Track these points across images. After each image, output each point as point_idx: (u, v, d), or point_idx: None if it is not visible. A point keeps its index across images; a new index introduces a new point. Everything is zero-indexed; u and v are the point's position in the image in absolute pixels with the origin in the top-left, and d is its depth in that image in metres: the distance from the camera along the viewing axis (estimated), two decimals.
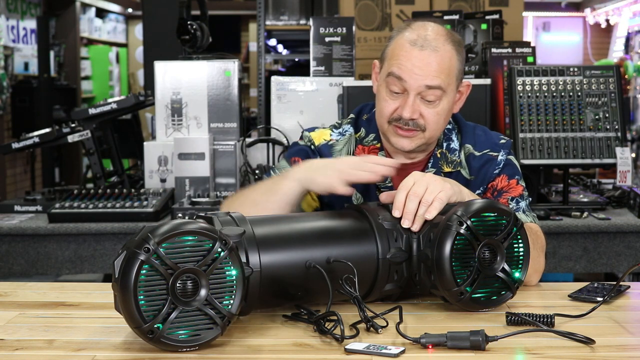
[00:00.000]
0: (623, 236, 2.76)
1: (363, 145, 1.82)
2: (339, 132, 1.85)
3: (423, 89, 1.67)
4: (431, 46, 1.67)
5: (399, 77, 1.68)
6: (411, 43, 1.68)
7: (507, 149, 1.81)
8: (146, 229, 1.19)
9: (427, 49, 1.66)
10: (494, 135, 1.85)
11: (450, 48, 1.69)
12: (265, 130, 3.31)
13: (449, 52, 1.68)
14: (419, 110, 1.69)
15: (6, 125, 6.84)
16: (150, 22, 4.41)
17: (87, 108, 3.15)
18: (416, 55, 1.67)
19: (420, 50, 1.66)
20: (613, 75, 2.87)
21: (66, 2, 8.26)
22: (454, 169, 1.78)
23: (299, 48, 6.45)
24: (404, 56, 1.68)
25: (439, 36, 1.69)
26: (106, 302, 1.48)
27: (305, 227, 1.40)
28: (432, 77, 1.66)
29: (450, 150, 1.80)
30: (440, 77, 1.67)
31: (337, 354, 1.19)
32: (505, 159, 1.79)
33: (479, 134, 1.83)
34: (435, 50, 1.67)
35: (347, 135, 1.84)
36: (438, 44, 1.67)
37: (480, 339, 1.20)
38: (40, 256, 2.76)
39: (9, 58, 6.93)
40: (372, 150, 1.81)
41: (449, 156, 1.79)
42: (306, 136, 1.86)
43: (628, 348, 1.23)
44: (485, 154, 1.79)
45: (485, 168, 1.78)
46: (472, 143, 1.81)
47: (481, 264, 1.36)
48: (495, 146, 1.80)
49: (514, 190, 1.77)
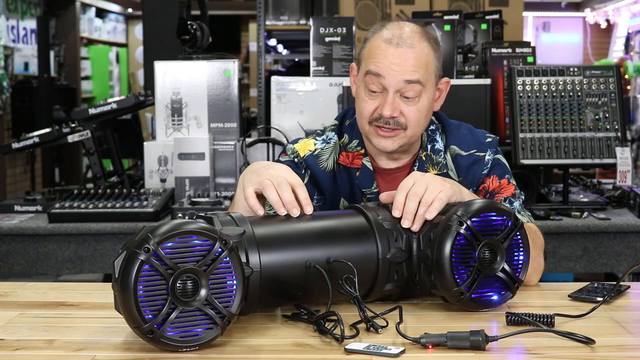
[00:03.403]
0: (623, 236, 2.76)
1: (347, 151, 1.80)
2: (322, 140, 1.82)
3: (402, 85, 1.66)
4: (407, 43, 1.66)
5: (377, 74, 1.67)
6: (387, 42, 1.67)
7: (493, 148, 1.79)
8: (146, 229, 1.19)
9: (403, 46, 1.66)
10: (480, 133, 1.82)
11: (426, 45, 1.68)
12: (265, 130, 3.31)
13: (425, 49, 1.68)
14: (399, 108, 1.67)
15: (6, 125, 6.84)
16: (150, 22, 4.41)
17: (87, 108, 3.15)
18: (392, 52, 1.66)
19: (396, 47, 1.66)
20: (613, 75, 2.88)
21: (66, 2, 8.26)
22: (440, 171, 1.76)
23: (299, 48, 6.46)
24: (380, 54, 1.67)
25: (414, 34, 1.68)
26: (106, 302, 1.48)
27: (305, 227, 1.40)
28: (410, 72, 1.66)
29: (435, 152, 1.78)
30: (418, 71, 1.66)
31: (337, 354, 1.19)
32: (493, 159, 1.78)
33: (464, 132, 1.81)
34: (411, 46, 1.66)
35: (332, 143, 1.81)
36: (414, 41, 1.67)
37: (480, 339, 1.20)
38: (40, 256, 2.76)
39: (9, 58, 6.93)
40: (357, 157, 1.79)
41: (434, 158, 1.77)
42: (290, 149, 1.83)
43: (628, 348, 1.23)
44: (472, 154, 1.78)
45: (474, 169, 1.77)
46: (457, 143, 1.79)
47: (481, 264, 1.36)
48: (482, 145, 1.79)
49: (506, 191, 1.76)
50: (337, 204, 1.80)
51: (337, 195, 1.79)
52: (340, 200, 1.79)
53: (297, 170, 1.77)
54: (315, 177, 1.78)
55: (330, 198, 1.79)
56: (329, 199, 1.79)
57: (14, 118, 6.87)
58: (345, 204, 1.78)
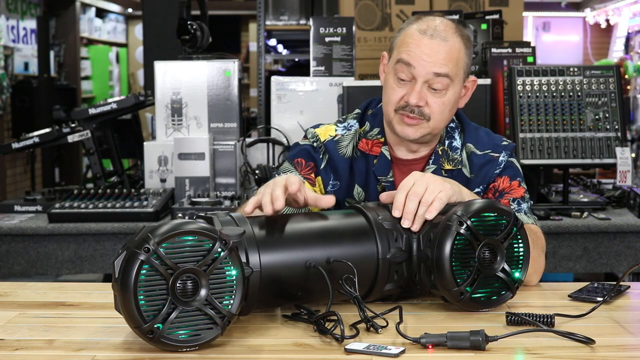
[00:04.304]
0: (623, 236, 2.76)
1: (367, 139, 1.83)
2: (343, 127, 1.85)
3: (431, 77, 1.69)
4: (440, 36, 1.69)
5: (408, 63, 1.69)
6: (421, 32, 1.70)
7: (509, 151, 1.81)
8: (146, 229, 1.19)
9: (437, 39, 1.69)
10: (497, 137, 1.86)
11: (459, 40, 1.71)
12: (265, 130, 3.31)
13: (457, 44, 1.70)
14: (425, 98, 1.70)
15: (6, 125, 6.84)
16: (150, 22, 4.40)
17: (87, 108, 3.15)
18: (426, 43, 1.68)
19: (430, 39, 1.69)
20: (613, 75, 2.88)
21: (66, 2, 8.26)
22: (455, 166, 1.79)
23: (299, 48, 6.46)
24: (413, 43, 1.69)
25: (448, 28, 1.71)
26: (106, 302, 1.48)
27: (305, 227, 1.40)
28: (441, 64, 1.68)
29: (452, 149, 1.81)
30: (448, 65, 1.68)
31: (337, 354, 1.19)
32: (507, 161, 1.80)
33: (481, 135, 1.84)
34: (444, 39, 1.69)
35: (353, 130, 1.84)
36: (447, 35, 1.69)
37: (480, 339, 1.20)
38: (40, 256, 2.76)
39: (9, 58, 6.93)
40: (376, 145, 1.82)
41: (451, 154, 1.80)
42: (310, 132, 1.86)
43: (628, 348, 1.23)
44: (486, 154, 1.80)
45: (486, 168, 1.79)
46: (473, 142, 1.82)
47: (481, 264, 1.36)
48: (497, 147, 1.81)
49: (515, 192, 1.77)
50: (352, 191, 1.82)
51: (353, 181, 1.82)
52: (354, 187, 1.82)
53: (315, 154, 1.82)
54: (333, 161, 1.81)
55: (346, 184, 1.82)
56: (345, 185, 1.82)
57: (14, 118, 6.87)
58: (359, 190, 1.81)
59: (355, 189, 1.81)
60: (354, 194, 1.81)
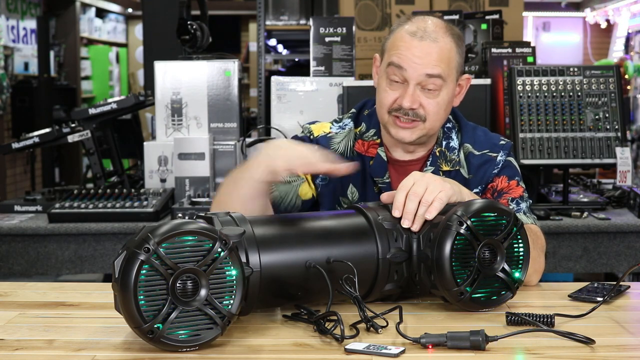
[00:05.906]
0: (623, 236, 2.76)
1: (363, 140, 1.84)
2: (338, 126, 1.86)
3: (423, 78, 1.68)
4: (431, 37, 1.68)
5: (399, 65, 1.69)
6: (411, 34, 1.69)
7: (506, 150, 1.81)
8: (146, 229, 1.19)
9: (427, 40, 1.68)
10: (494, 136, 1.85)
11: (449, 40, 1.70)
12: (265, 130, 3.31)
13: (448, 44, 1.70)
14: (418, 100, 1.70)
15: (6, 125, 6.84)
16: (150, 22, 4.40)
17: (87, 108, 3.15)
18: (416, 45, 1.68)
19: (420, 40, 1.68)
20: (613, 75, 2.88)
21: (66, 2, 8.26)
22: (453, 167, 1.79)
23: (299, 48, 6.46)
24: (404, 46, 1.69)
25: (438, 28, 1.70)
26: (106, 302, 1.48)
27: (305, 227, 1.40)
28: (432, 65, 1.68)
29: (449, 149, 1.81)
30: (440, 66, 1.68)
31: (337, 354, 1.19)
32: (505, 160, 1.80)
33: (479, 134, 1.84)
34: (434, 40, 1.68)
35: (347, 129, 1.85)
36: (437, 36, 1.69)
37: (480, 339, 1.20)
38: (40, 256, 2.76)
39: (9, 58, 6.93)
40: (372, 146, 1.82)
41: (448, 155, 1.80)
42: (306, 127, 1.88)
43: (628, 348, 1.23)
44: (484, 154, 1.80)
45: (484, 168, 1.79)
46: (471, 142, 1.81)
47: (481, 264, 1.36)
48: (495, 147, 1.81)
49: (514, 192, 1.77)
50: (345, 189, 1.81)
51: (346, 180, 1.80)
52: (349, 186, 1.81)
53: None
54: None
55: (337, 180, 1.80)
56: (335, 181, 1.80)
57: (14, 118, 6.87)
58: (353, 190, 1.80)
59: (349, 189, 1.81)
60: (348, 194, 1.81)
